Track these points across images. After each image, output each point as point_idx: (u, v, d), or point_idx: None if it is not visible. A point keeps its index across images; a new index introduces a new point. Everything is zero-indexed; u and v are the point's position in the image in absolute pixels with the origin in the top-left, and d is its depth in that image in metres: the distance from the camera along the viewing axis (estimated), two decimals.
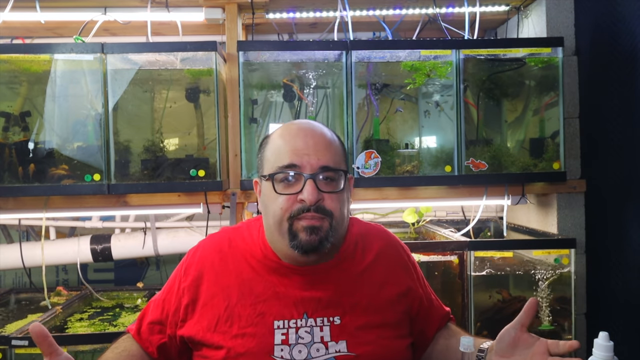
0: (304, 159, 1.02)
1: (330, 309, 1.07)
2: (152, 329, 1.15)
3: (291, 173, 1.03)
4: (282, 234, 1.04)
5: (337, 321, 1.06)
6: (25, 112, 1.89)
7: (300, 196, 1.01)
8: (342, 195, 1.07)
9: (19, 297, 2.24)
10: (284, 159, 1.04)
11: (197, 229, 2.23)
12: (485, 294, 1.83)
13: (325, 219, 1.02)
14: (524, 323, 0.99)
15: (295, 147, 1.04)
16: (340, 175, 1.06)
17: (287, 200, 1.02)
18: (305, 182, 1.01)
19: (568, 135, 1.97)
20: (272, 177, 1.04)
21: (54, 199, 1.88)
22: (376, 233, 1.23)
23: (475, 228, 2.17)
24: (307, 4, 2.08)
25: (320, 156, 1.03)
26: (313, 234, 1.01)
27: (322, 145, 1.05)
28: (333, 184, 1.05)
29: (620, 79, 1.83)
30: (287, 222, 1.02)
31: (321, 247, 1.02)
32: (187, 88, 1.94)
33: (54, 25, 2.15)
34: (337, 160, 1.06)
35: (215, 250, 1.15)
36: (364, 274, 1.13)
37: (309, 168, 1.02)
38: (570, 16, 2.02)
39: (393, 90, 2.02)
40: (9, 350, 1.66)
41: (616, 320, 1.88)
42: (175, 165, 1.82)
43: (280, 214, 1.03)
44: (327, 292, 1.08)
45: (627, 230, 1.82)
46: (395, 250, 1.22)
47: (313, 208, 1.01)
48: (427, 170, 1.90)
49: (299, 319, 1.05)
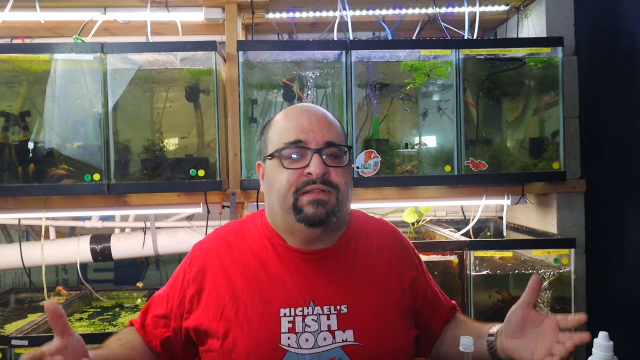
0: (309, 135, 1.05)
1: (338, 297, 1.07)
2: (157, 323, 1.14)
3: (297, 148, 1.05)
4: (286, 210, 1.05)
5: (344, 310, 1.06)
6: (25, 112, 1.89)
7: (307, 170, 1.03)
8: (347, 170, 1.09)
9: (19, 297, 2.24)
10: (290, 136, 1.05)
11: (197, 229, 2.23)
12: (485, 294, 1.83)
13: (332, 192, 1.03)
14: (530, 302, 0.98)
15: (300, 124, 1.06)
16: (345, 152, 1.08)
17: (294, 174, 1.04)
18: (312, 157, 1.03)
19: (568, 135, 1.97)
20: (280, 153, 1.05)
21: (54, 199, 1.88)
22: (380, 225, 1.25)
23: (475, 228, 2.17)
24: (307, 4, 2.09)
25: (325, 133, 1.06)
26: (320, 206, 1.02)
27: (326, 123, 1.08)
28: (338, 160, 1.07)
29: (620, 78, 1.83)
30: (293, 196, 1.03)
31: (328, 220, 1.03)
32: (187, 88, 1.94)
33: (54, 25, 2.15)
34: (340, 138, 1.09)
35: (221, 242, 1.15)
36: (370, 263, 1.13)
37: (314, 143, 1.05)
38: (570, 16, 2.02)
39: (393, 90, 2.02)
40: (9, 350, 1.66)
41: (616, 320, 1.88)
42: (175, 165, 1.82)
43: (286, 187, 1.04)
44: (333, 279, 1.08)
45: (627, 230, 1.82)
46: (399, 242, 1.22)
47: (320, 181, 1.02)
48: (427, 170, 1.90)
49: (306, 307, 1.05)
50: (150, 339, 1.14)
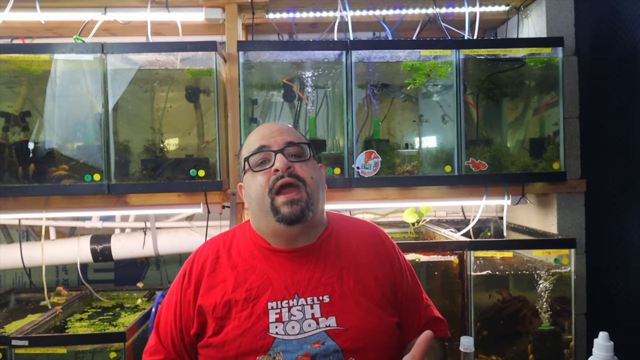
0: (270, 140, 1.17)
1: (320, 288, 1.15)
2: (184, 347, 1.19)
3: (262, 153, 1.16)
4: (265, 212, 1.14)
5: (326, 299, 1.13)
6: (25, 112, 1.89)
7: (273, 167, 1.13)
8: (311, 165, 1.18)
9: (19, 297, 2.24)
10: (254, 145, 1.19)
11: (197, 229, 2.23)
12: (485, 294, 1.83)
13: (300, 186, 1.13)
14: (415, 356, 0.98)
15: (262, 134, 1.20)
16: (306, 149, 1.19)
17: (264, 176, 1.14)
18: (276, 156, 1.14)
19: (568, 135, 1.97)
20: (248, 160, 1.18)
21: (54, 199, 1.88)
22: (360, 223, 1.32)
23: (475, 228, 2.17)
24: (307, 4, 2.08)
25: (285, 135, 1.19)
26: (294, 204, 1.11)
27: (285, 129, 1.22)
28: (301, 157, 1.18)
29: (620, 79, 1.83)
30: (269, 196, 1.13)
31: (303, 216, 1.12)
32: (187, 88, 1.94)
33: (54, 25, 2.15)
34: (300, 138, 1.21)
35: (212, 250, 1.23)
36: (350, 256, 1.20)
37: (276, 145, 1.16)
38: (570, 16, 2.02)
39: (393, 90, 2.02)
40: (9, 350, 1.66)
41: (616, 320, 1.88)
42: (175, 165, 1.82)
43: (261, 191, 1.14)
44: (315, 273, 1.16)
45: (627, 230, 1.82)
46: (378, 238, 1.28)
47: (286, 175, 1.12)
48: (427, 170, 1.90)
49: (291, 299, 1.13)
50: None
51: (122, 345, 1.69)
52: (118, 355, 1.69)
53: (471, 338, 1.01)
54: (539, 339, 1.77)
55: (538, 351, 1.77)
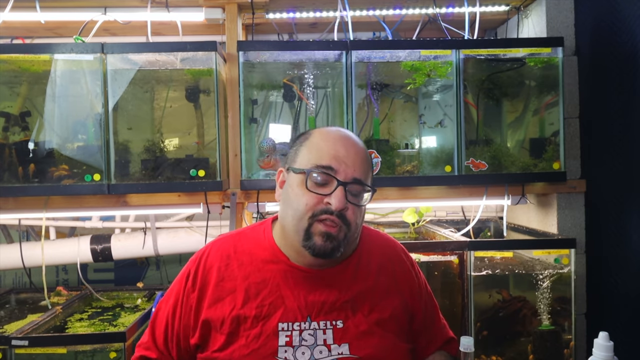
0: (341, 166, 1.06)
1: (334, 313, 1.09)
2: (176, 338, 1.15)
3: (326, 175, 1.05)
4: (297, 231, 1.06)
5: (339, 325, 1.08)
6: (25, 112, 1.89)
7: (327, 199, 1.04)
8: (362, 210, 1.11)
9: (19, 297, 2.24)
10: (323, 159, 1.06)
11: (197, 229, 2.23)
12: (485, 294, 1.83)
13: (342, 228, 1.05)
14: None
15: (336, 152, 1.07)
16: (367, 192, 1.09)
17: (314, 199, 1.05)
18: (337, 188, 1.04)
19: (568, 135, 1.97)
20: (308, 173, 1.06)
21: (54, 199, 1.88)
22: (382, 243, 1.25)
23: (475, 228, 2.17)
24: (307, 4, 2.08)
25: (357, 168, 1.07)
26: (328, 240, 1.04)
27: (359, 158, 1.09)
28: (358, 199, 1.08)
29: (620, 78, 1.83)
30: (308, 220, 1.05)
31: (332, 255, 1.05)
32: (187, 88, 1.94)
33: (54, 25, 2.15)
34: (367, 177, 1.10)
35: (222, 255, 1.16)
36: (368, 280, 1.15)
37: (343, 175, 1.05)
38: (570, 16, 2.02)
39: (393, 90, 2.02)
40: (9, 350, 1.66)
41: (616, 320, 1.88)
42: (175, 165, 1.82)
43: (303, 210, 1.05)
44: (330, 296, 1.10)
45: (627, 230, 1.82)
46: (397, 257, 1.23)
47: (336, 214, 1.04)
48: (427, 170, 1.90)
49: (303, 322, 1.08)
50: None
51: (122, 345, 1.69)
52: (118, 355, 1.69)
53: (471, 338, 1.01)
54: (539, 339, 1.77)
55: (538, 351, 1.77)
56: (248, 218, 2.03)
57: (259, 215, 2.06)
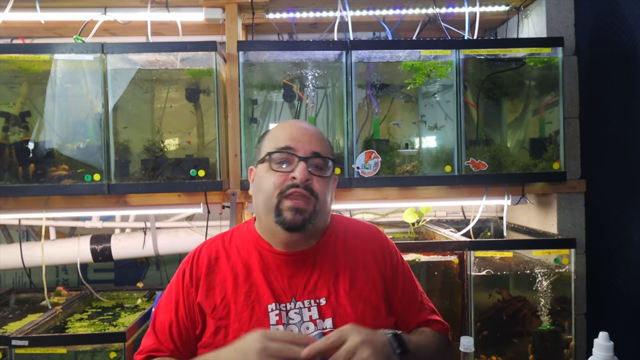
0: (298, 144, 1.14)
1: (316, 292, 1.16)
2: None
3: (286, 154, 1.14)
4: (269, 210, 1.13)
5: (322, 302, 1.15)
6: (25, 112, 1.89)
7: (292, 174, 1.12)
8: (328, 181, 1.18)
9: (19, 297, 2.24)
10: (281, 142, 1.15)
11: (197, 229, 2.23)
12: (485, 294, 1.83)
13: (310, 199, 1.12)
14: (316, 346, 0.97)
15: (292, 134, 1.16)
16: (329, 165, 1.17)
17: (280, 177, 1.12)
18: (298, 163, 1.12)
19: (568, 135, 1.97)
20: (270, 156, 1.15)
21: (54, 199, 1.88)
22: (359, 225, 1.32)
23: (475, 228, 2.17)
24: (307, 4, 2.08)
25: (314, 144, 1.15)
26: (297, 213, 1.10)
27: (316, 136, 1.18)
28: (322, 172, 1.16)
29: (620, 78, 1.83)
30: (276, 198, 1.12)
31: (303, 227, 1.11)
32: (187, 88, 1.94)
33: (54, 25, 2.15)
34: (327, 151, 1.18)
35: (211, 251, 1.23)
36: (347, 258, 1.21)
37: (302, 152, 1.14)
38: (570, 16, 2.02)
39: (393, 90, 2.02)
40: (9, 350, 1.66)
41: (616, 320, 1.88)
42: (175, 165, 1.82)
43: (271, 189, 1.12)
44: (312, 276, 1.17)
45: (627, 230, 1.82)
46: (375, 239, 1.28)
47: (302, 186, 1.11)
48: (427, 170, 1.90)
49: (288, 303, 1.14)
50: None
51: (122, 345, 1.69)
52: (118, 355, 1.69)
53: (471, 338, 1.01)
54: (539, 339, 1.77)
55: (538, 351, 1.77)
56: (248, 218, 2.03)
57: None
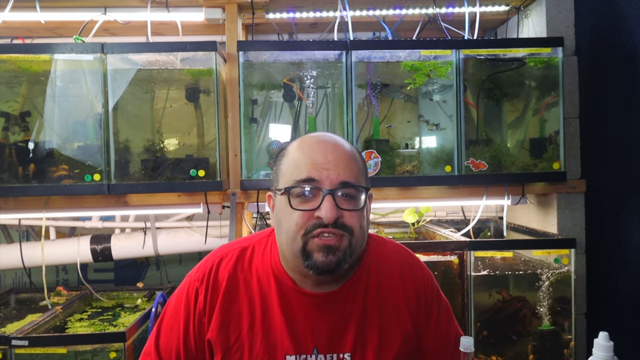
0: (323, 174, 0.96)
1: (341, 345, 1.04)
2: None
3: (308, 188, 0.96)
4: (294, 254, 0.98)
5: (347, 358, 1.03)
6: (25, 112, 1.89)
7: (317, 213, 0.95)
8: (362, 212, 1.00)
9: (19, 297, 2.24)
10: (301, 173, 0.97)
11: (197, 229, 2.23)
12: (485, 294, 1.83)
13: (344, 236, 0.96)
14: None
15: (314, 161, 0.97)
16: (361, 192, 0.99)
17: (303, 217, 0.96)
18: (324, 198, 0.94)
19: (568, 135, 1.97)
20: (288, 191, 0.97)
21: (54, 199, 1.88)
22: (392, 253, 1.14)
23: (475, 228, 2.17)
24: (307, 4, 2.08)
25: (341, 171, 0.97)
26: (330, 254, 0.94)
27: (343, 159, 0.99)
28: (353, 202, 0.98)
29: (620, 79, 1.83)
30: (301, 239, 0.96)
31: (338, 268, 0.96)
32: (187, 88, 1.94)
33: (54, 25, 2.15)
34: (357, 176, 1.00)
35: (230, 271, 1.08)
36: (378, 305, 1.08)
37: (328, 183, 0.96)
38: (570, 16, 2.02)
39: (393, 90, 2.02)
40: (9, 350, 1.66)
41: (616, 320, 1.88)
42: (175, 165, 1.82)
43: (294, 230, 0.96)
44: (338, 325, 1.04)
45: (627, 230, 1.82)
46: (411, 274, 1.12)
47: (331, 225, 0.94)
48: (427, 170, 1.90)
49: (309, 355, 1.02)
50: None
51: (122, 345, 1.69)
52: (118, 355, 1.69)
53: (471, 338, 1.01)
54: (539, 339, 1.77)
55: (538, 351, 1.77)
56: (248, 218, 2.03)
57: (259, 215, 2.06)
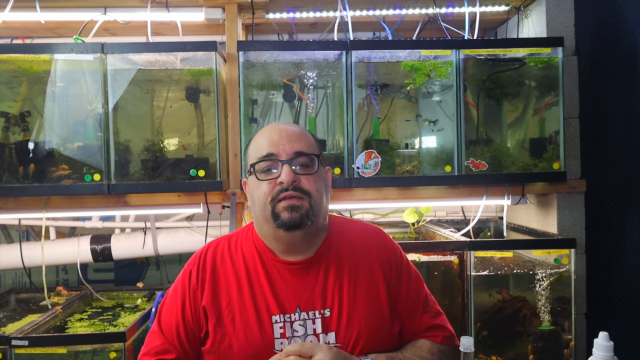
0: (279, 148, 1.14)
1: (320, 302, 1.15)
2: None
3: (269, 161, 1.14)
4: (267, 219, 1.14)
5: (327, 314, 1.14)
6: (25, 112, 1.89)
7: (279, 179, 1.12)
8: (318, 176, 1.16)
9: (19, 297, 2.24)
10: (262, 150, 1.15)
11: (197, 229, 2.23)
12: (485, 294, 1.83)
13: (304, 198, 1.12)
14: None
15: (271, 140, 1.16)
16: (314, 160, 1.16)
17: (268, 185, 1.13)
18: (282, 167, 1.12)
19: (568, 135, 1.97)
20: (254, 167, 1.15)
21: (54, 199, 1.87)
22: (357, 226, 1.31)
23: (475, 228, 2.17)
24: (307, 4, 2.08)
25: (294, 144, 1.15)
26: (294, 211, 1.10)
27: (295, 135, 1.17)
28: (308, 169, 1.15)
29: (620, 79, 1.83)
30: (270, 205, 1.12)
31: (302, 223, 1.11)
32: (187, 88, 1.94)
33: (54, 25, 2.15)
34: (310, 148, 1.17)
35: (217, 253, 1.23)
36: (351, 265, 1.20)
37: (284, 155, 1.13)
38: (570, 16, 2.02)
39: (393, 90, 2.02)
40: (9, 350, 1.66)
41: (616, 320, 1.88)
42: (175, 165, 1.82)
43: (263, 198, 1.13)
44: (316, 286, 1.16)
45: (627, 230, 1.82)
46: (379, 242, 1.26)
47: (291, 188, 1.11)
48: (427, 170, 1.90)
49: (293, 313, 1.14)
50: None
51: (122, 345, 1.69)
52: (118, 355, 1.69)
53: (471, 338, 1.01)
54: (539, 339, 1.78)
55: (538, 351, 1.77)
56: (248, 218, 2.03)
57: None
